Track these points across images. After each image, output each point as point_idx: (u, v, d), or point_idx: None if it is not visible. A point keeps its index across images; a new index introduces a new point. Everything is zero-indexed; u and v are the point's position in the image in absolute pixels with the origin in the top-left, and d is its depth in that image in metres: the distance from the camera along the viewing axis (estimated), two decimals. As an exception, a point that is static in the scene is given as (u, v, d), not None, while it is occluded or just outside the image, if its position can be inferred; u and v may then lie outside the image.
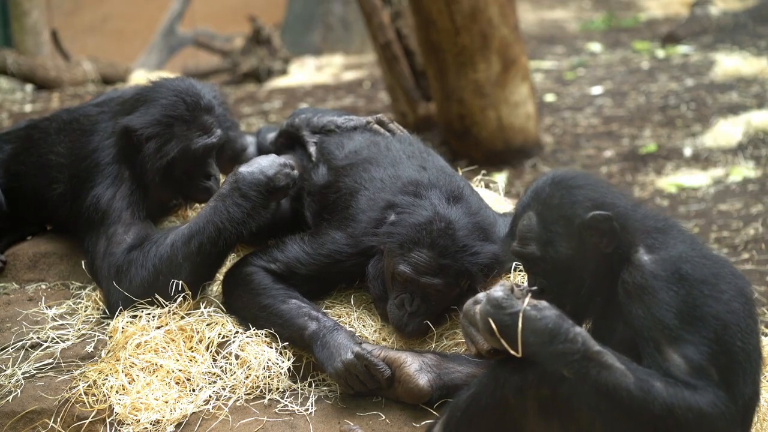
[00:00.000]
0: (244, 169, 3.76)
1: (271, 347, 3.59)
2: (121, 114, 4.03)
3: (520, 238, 3.10)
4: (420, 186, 3.68)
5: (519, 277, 3.87)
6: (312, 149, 4.09)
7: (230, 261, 3.93)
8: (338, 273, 3.76)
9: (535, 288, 3.05)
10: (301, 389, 3.57)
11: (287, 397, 3.53)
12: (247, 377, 3.54)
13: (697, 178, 7.68)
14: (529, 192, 3.12)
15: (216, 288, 3.88)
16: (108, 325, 3.75)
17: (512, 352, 2.77)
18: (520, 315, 2.77)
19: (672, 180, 7.75)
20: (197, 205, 4.31)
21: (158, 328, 3.64)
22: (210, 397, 3.52)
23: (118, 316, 3.72)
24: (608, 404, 2.78)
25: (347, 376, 3.44)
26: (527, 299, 2.80)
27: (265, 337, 3.63)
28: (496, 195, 4.47)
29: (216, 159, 4.07)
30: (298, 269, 3.70)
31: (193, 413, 3.48)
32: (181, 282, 3.67)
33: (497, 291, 2.81)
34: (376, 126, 4.11)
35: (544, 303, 2.81)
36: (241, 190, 3.71)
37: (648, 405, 2.75)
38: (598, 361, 2.76)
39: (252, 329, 3.65)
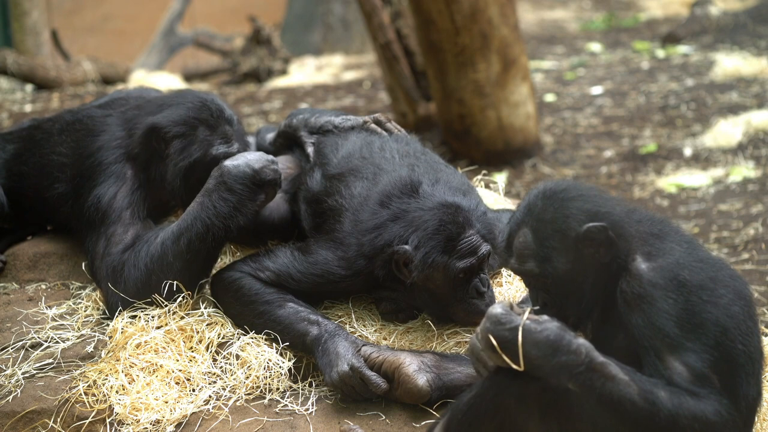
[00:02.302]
0: (229, 162, 3.74)
1: (272, 347, 3.59)
2: (141, 117, 4.04)
3: (517, 256, 3.08)
4: (385, 205, 3.65)
5: (509, 285, 3.89)
6: (310, 150, 4.09)
7: (229, 262, 3.93)
8: (332, 292, 3.76)
9: (537, 308, 3.04)
10: (302, 389, 3.57)
11: (287, 397, 3.53)
12: (248, 377, 3.54)
13: (697, 178, 7.68)
14: (522, 207, 3.09)
15: (216, 288, 3.88)
16: (108, 325, 3.75)
17: (515, 366, 2.76)
18: (520, 329, 2.76)
19: (672, 180, 7.75)
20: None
21: (158, 328, 3.64)
22: (210, 397, 3.52)
23: (117, 316, 3.72)
24: (613, 415, 2.77)
25: (343, 387, 3.45)
26: (526, 313, 2.79)
27: (265, 339, 3.63)
28: (496, 195, 4.47)
29: None
30: (289, 284, 3.68)
31: (193, 413, 3.48)
32: (175, 281, 3.67)
33: (496, 308, 2.80)
34: (373, 126, 4.11)
35: (544, 317, 2.80)
36: (227, 184, 3.70)
37: (653, 416, 2.74)
38: (603, 372, 2.74)
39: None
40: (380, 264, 3.60)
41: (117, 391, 3.49)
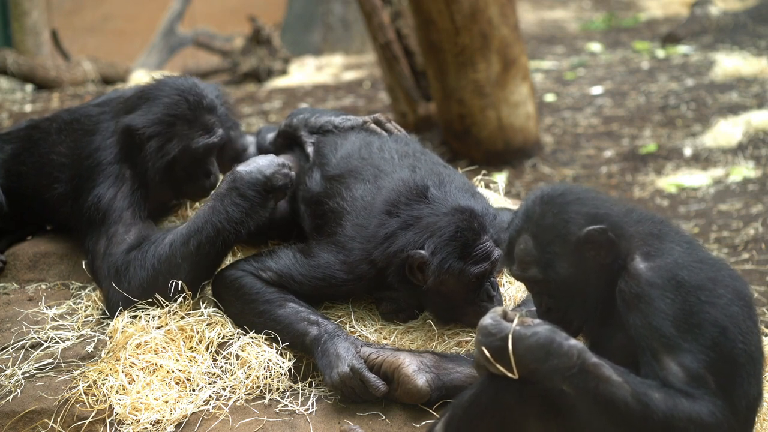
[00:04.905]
0: (242, 168, 3.74)
1: (272, 347, 3.59)
2: (124, 112, 4.04)
3: (519, 263, 3.08)
4: (393, 214, 3.65)
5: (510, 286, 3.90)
6: (309, 149, 4.09)
7: (229, 262, 3.93)
8: (334, 295, 3.76)
9: (531, 309, 3.03)
10: (302, 389, 3.57)
11: (287, 397, 3.53)
12: (248, 377, 3.54)
13: (697, 178, 7.68)
14: (520, 213, 3.08)
15: (216, 288, 3.87)
16: (108, 325, 3.75)
17: (510, 375, 2.77)
18: (509, 336, 2.76)
19: (672, 180, 7.75)
20: (197, 204, 4.31)
21: (158, 328, 3.64)
22: (210, 397, 3.52)
23: (118, 316, 3.72)
24: (607, 417, 2.77)
25: (343, 388, 3.45)
26: (516, 319, 2.79)
27: (265, 338, 3.63)
28: (496, 195, 4.47)
29: (217, 158, 4.07)
30: (291, 285, 3.68)
31: (193, 413, 3.48)
32: (180, 282, 3.67)
33: (486, 319, 2.81)
34: (373, 126, 4.11)
35: (536, 321, 2.80)
36: (239, 190, 3.70)
37: (647, 417, 2.73)
38: (596, 373, 2.74)
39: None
40: (393, 270, 3.61)
41: (117, 391, 3.49)
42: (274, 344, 3.59)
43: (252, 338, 3.62)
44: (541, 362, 2.74)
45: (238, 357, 3.58)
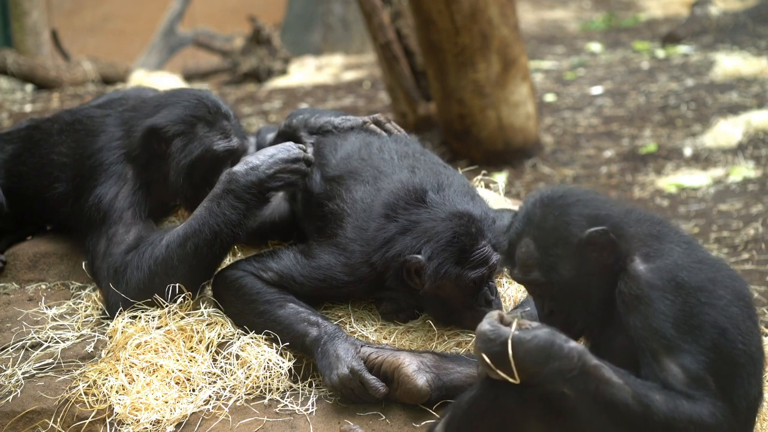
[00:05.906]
0: (238, 168, 3.72)
1: (272, 347, 3.59)
2: (138, 118, 4.04)
3: (521, 266, 3.07)
4: (392, 218, 3.65)
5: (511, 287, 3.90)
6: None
7: (229, 262, 3.93)
8: (334, 296, 3.76)
9: (521, 312, 3.02)
10: (302, 389, 3.57)
11: (287, 397, 3.53)
12: (248, 377, 3.54)
13: (697, 178, 7.68)
14: (521, 216, 3.07)
15: (216, 288, 3.87)
16: (108, 325, 3.75)
17: (510, 380, 2.76)
18: (509, 341, 2.76)
19: (672, 180, 7.75)
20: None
21: (158, 328, 3.64)
22: (210, 397, 3.52)
23: (117, 316, 3.72)
24: (608, 418, 2.76)
25: (343, 390, 3.44)
26: (514, 324, 2.78)
27: (265, 338, 3.63)
28: (496, 195, 4.47)
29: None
30: (291, 286, 3.68)
31: (193, 413, 3.48)
32: (178, 284, 3.67)
33: (484, 325, 2.80)
34: (372, 126, 4.11)
35: (534, 324, 2.79)
36: (235, 192, 3.69)
37: (647, 419, 2.73)
38: (596, 375, 2.74)
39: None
40: (392, 274, 3.61)
41: (117, 391, 3.49)
42: (274, 344, 3.59)
43: (252, 338, 3.62)
44: (542, 365, 2.73)
45: (238, 357, 3.58)
